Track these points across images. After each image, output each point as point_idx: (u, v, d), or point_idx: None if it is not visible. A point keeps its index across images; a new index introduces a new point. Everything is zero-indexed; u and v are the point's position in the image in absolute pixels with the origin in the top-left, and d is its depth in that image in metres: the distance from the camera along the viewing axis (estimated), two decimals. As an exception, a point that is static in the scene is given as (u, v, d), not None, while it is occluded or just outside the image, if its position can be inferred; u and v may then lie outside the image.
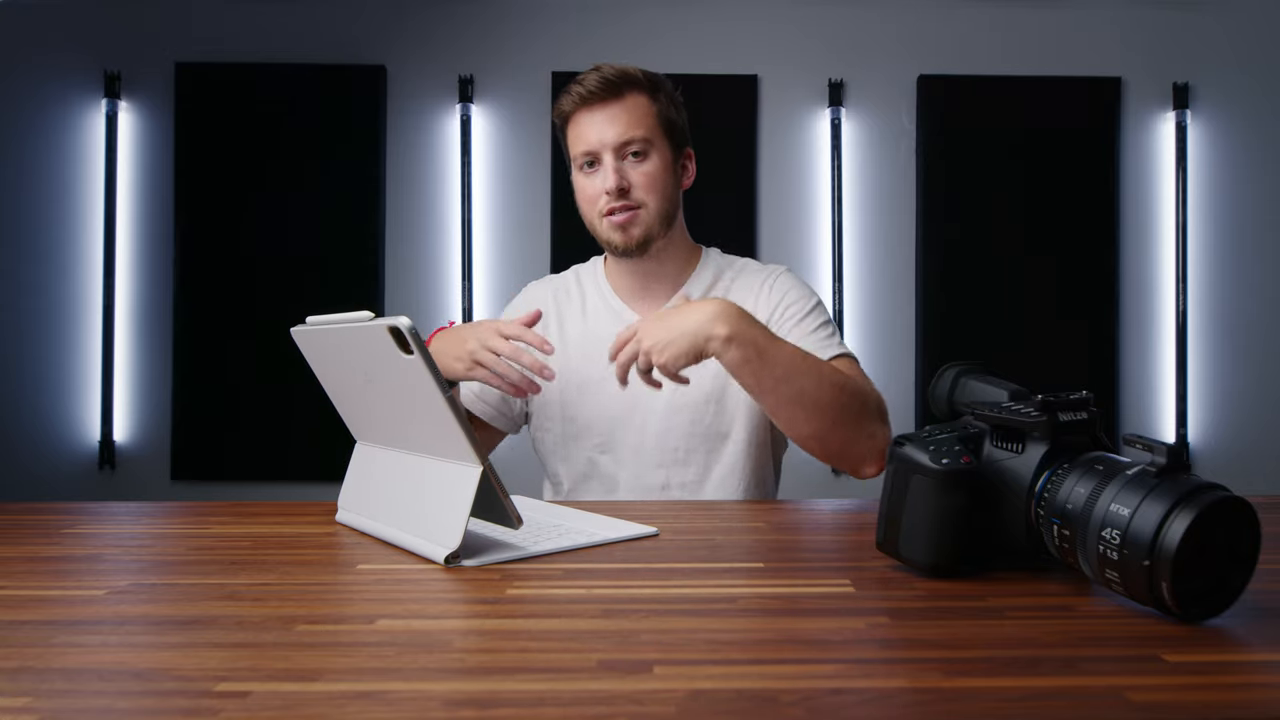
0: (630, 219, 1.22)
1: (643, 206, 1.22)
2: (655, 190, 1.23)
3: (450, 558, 0.72)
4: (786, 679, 0.47)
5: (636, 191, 1.22)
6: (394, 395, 0.79)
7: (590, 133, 1.22)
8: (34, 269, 3.00)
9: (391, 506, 0.84)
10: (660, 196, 1.23)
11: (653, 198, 1.23)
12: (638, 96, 1.23)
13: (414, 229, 3.04)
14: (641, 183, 1.22)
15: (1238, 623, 0.56)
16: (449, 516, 0.74)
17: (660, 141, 1.24)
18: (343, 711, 0.43)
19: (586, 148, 1.23)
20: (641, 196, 1.22)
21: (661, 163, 1.24)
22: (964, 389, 0.76)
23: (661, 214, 1.24)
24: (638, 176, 1.22)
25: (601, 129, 1.21)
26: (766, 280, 1.29)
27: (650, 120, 1.23)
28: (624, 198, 1.22)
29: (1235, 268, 3.05)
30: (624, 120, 1.21)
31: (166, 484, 2.98)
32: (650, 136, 1.22)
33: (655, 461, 1.25)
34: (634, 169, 1.22)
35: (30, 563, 0.76)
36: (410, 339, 0.70)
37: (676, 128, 1.27)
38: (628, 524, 0.86)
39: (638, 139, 1.21)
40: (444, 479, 0.76)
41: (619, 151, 1.21)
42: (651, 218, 1.23)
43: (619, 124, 1.21)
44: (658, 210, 1.23)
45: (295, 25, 3.02)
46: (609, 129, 1.21)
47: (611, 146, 1.21)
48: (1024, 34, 3.04)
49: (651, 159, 1.23)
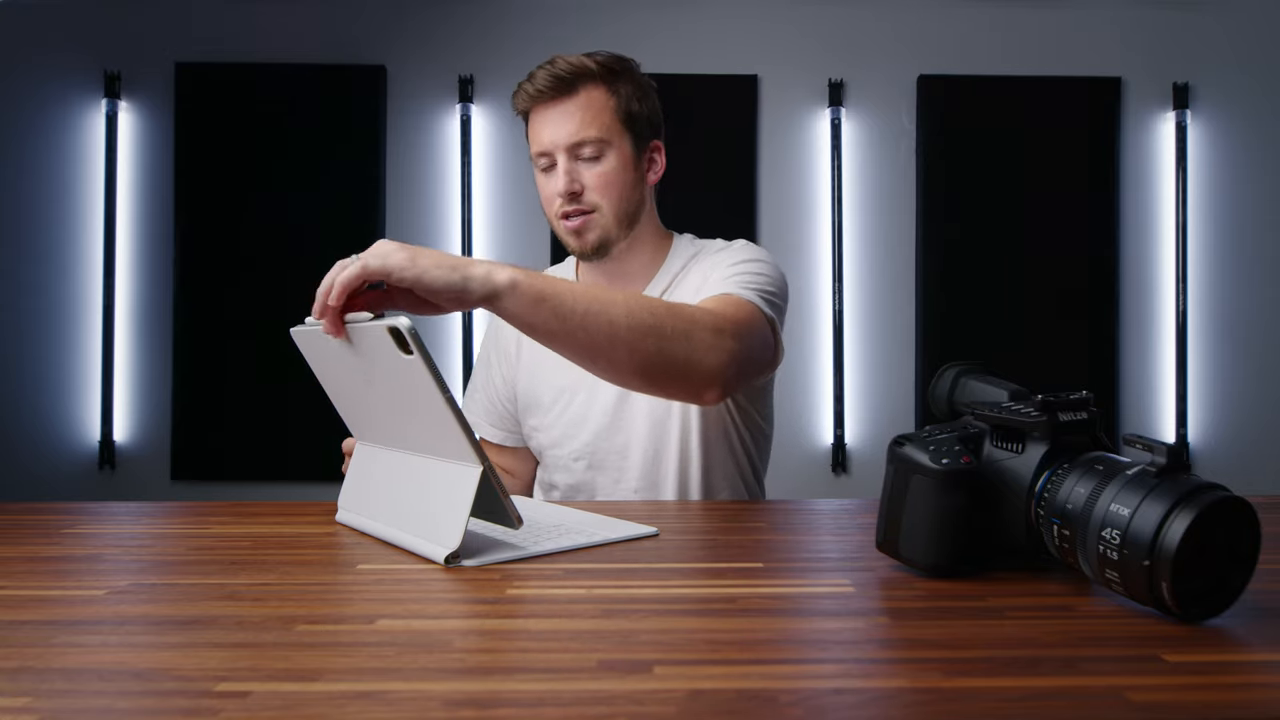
0: (584, 224, 1.17)
1: (596, 210, 1.17)
2: (610, 192, 1.17)
3: (450, 558, 0.72)
4: (786, 679, 0.47)
5: (590, 194, 1.16)
6: (394, 395, 0.79)
7: (543, 132, 1.16)
8: (34, 269, 3.00)
9: (392, 506, 0.84)
10: (616, 198, 1.17)
11: (607, 200, 1.17)
12: (593, 90, 1.16)
13: (414, 229, 3.04)
14: (595, 184, 1.16)
15: (1238, 623, 0.56)
16: (449, 516, 0.74)
17: (619, 138, 1.17)
18: (343, 711, 0.43)
19: (540, 148, 1.17)
20: (595, 199, 1.17)
21: (619, 161, 1.17)
22: (964, 389, 0.76)
23: (619, 215, 1.18)
24: (591, 178, 1.16)
25: (554, 128, 1.15)
26: (723, 249, 1.23)
27: (606, 116, 1.16)
28: (576, 201, 1.16)
29: (1235, 268, 3.05)
30: (577, 118, 1.15)
31: (166, 484, 2.98)
32: (605, 135, 1.16)
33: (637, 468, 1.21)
34: (587, 170, 1.16)
35: (30, 563, 0.76)
36: (410, 339, 0.70)
37: (639, 120, 1.19)
38: (628, 524, 0.86)
39: (590, 139, 1.15)
40: (444, 479, 0.76)
41: (571, 152, 1.15)
42: (607, 220, 1.18)
43: (572, 122, 1.15)
44: (614, 212, 1.18)
45: (295, 25, 3.02)
46: (561, 128, 1.15)
47: (563, 147, 1.15)
48: (1024, 34, 3.04)
49: (607, 159, 1.16)
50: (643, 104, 1.20)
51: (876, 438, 3.03)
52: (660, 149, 1.24)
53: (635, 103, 1.19)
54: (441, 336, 3.04)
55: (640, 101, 1.20)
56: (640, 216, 1.22)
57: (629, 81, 1.19)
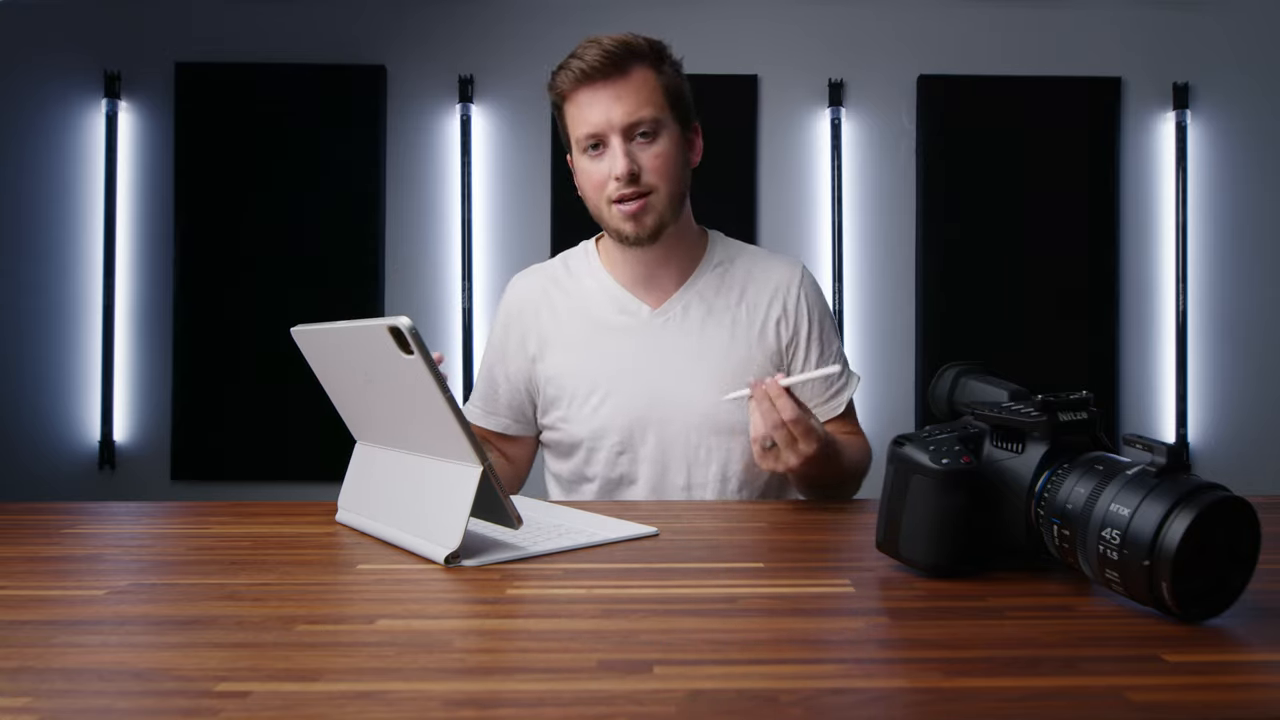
0: (641, 207, 1.14)
1: (654, 192, 1.14)
2: (667, 174, 1.14)
3: (450, 558, 0.72)
4: (786, 679, 0.47)
5: (648, 176, 1.13)
6: (394, 395, 0.79)
7: (593, 113, 1.12)
8: (34, 269, 3.00)
9: (391, 506, 0.84)
10: (672, 180, 1.15)
11: (665, 182, 1.14)
12: (643, 70, 1.14)
13: (414, 229, 3.04)
14: (653, 166, 1.13)
15: (1238, 623, 0.56)
16: (449, 516, 0.74)
17: (669, 119, 1.15)
18: (343, 711, 0.43)
19: (591, 130, 1.13)
20: (653, 181, 1.14)
21: (672, 142, 1.15)
22: (964, 389, 0.76)
23: (673, 198, 1.16)
24: (649, 159, 1.13)
25: (607, 108, 1.12)
26: (790, 283, 1.25)
27: (658, 96, 1.14)
28: (634, 184, 1.13)
29: (1235, 268, 3.05)
30: (631, 99, 1.12)
31: (166, 484, 2.98)
32: (659, 115, 1.13)
33: (678, 462, 1.20)
34: (644, 151, 1.13)
35: (30, 563, 0.76)
36: (410, 339, 0.70)
37: (683, 100, 1.18)
38: (628, 524, 0.86)
39: (647, 119, 1.12)
40: (444, 479, 0.76)
41: (627, 133, 1.12)
42: (663, 204, 1.15)
43: (626, 103, 1.11)
44: (669, 195, 1.15)
45: (295, 25, 3.02)
46: (615, 108, 1.11)
47: (619, 128, 1.12)
48: (1024, 34, 3.04)
49: (662, 139, 1.14)
50: (683, 84, 1.19)
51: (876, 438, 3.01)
52: (699, 131, 1.23)
53: (678, 81, 1.18)
54: (441, 336, 3.04)
55: (682, 83, 1.19)
56: (686, 201, 1.21)
57: (670, 62, 1.18)
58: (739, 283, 1.25)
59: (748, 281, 1.25)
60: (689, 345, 1.22)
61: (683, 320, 1.23)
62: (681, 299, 1.24)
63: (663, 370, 1.21)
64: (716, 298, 1.24)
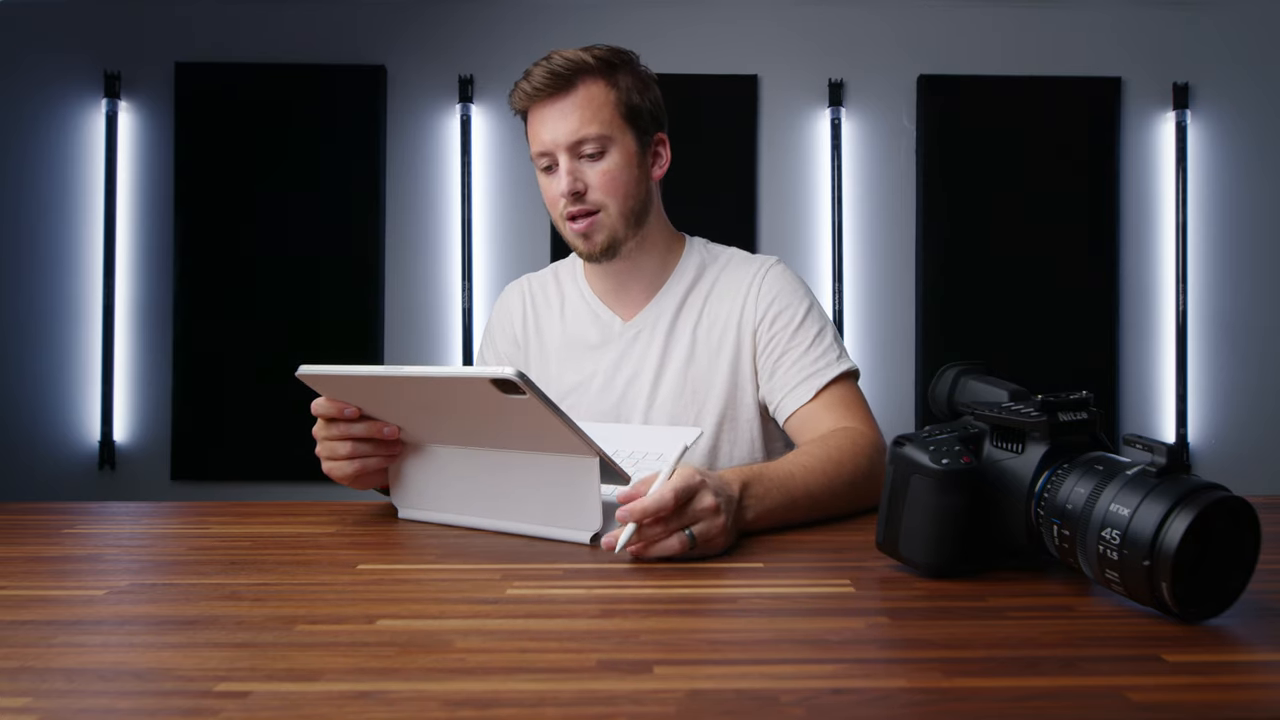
0: (591, 225, 1.13)
1: (602, 210, 1.13)
2: (615, 190, 1.13)
3: (593, 537, 0.79)
4: (786, 679, 0.47)
5: (594, 194, 1.12)
6: (478, 418, 0.79)
7: (543, 131, 1.12)
8: (34, 269, 3.01)
9: (496, 500, 0.84)
10: (622, 196, 1.13)
11: (613, 199, 1.13)
12: (592, 85, 1.12)
13: (414, 229, 3.04)
14: (600, 183, 1.12)
15: (1238, 623, 0.56)
16: (583, 502, 0.78)
17: (621, 133, 1.13)
18: (343, 711, 0.43)
19: (540, 148, 1.13)
20: (600, 199, 1.13)
21: (623, 158, 1.13)
22: (964, 389, 0.76)
23: (625, 214, 1.14)
24: (596, 177, 1.12)
25: (554, 126, 1.11)
26: (755, 277, 1.20)
27: (607, 112, 1.12)
28: (580, 201, 1.12)
29: (1235, 268, 3.05)
30: (577, 116, 1.11)
31: (166, 484, 2.98)
32: (607, 131, 1.12)
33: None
34: (590, 168, 1.12)
35: (30, 563, 0.76)
36: (525, 386, 0.70)
37: (642, 113, 1.15)
38: (671, 431, 0.98)
39: (591, 137, 1.11)
40: (563, 470, 0.79)
41: (573, 150, 1.12)
42: (614, 220, 1.14)
43: (571, 120, 1.11)
44: (620, 211, 1.14)
45: (295, 25, 3.02)
46: (560, 126, 1.11)
47: (564, 146, 1.11)
48: (1024, 34, 3.04)
49: (610, 156, 1.12)
50: (644, 96, 1.17)
51: (876, 438, 3.03)
52: (665, 142, 1.21)
53: (636, 95, 1.15)
54: (442, 336, 3.04)
55: (641, 94, 1.16)
56: (648, 214, 1.19)
57: (629, 74, 1.16)
58: (704, 294, 1.22)
59: (711, 292, 1.21)
60: (653, 360, 1.21)
61: (651, 334, 1.22)
62: (652, 311, 1.22)
63: (628, 384, 1.21)
64: (681, 311, 1.22)
